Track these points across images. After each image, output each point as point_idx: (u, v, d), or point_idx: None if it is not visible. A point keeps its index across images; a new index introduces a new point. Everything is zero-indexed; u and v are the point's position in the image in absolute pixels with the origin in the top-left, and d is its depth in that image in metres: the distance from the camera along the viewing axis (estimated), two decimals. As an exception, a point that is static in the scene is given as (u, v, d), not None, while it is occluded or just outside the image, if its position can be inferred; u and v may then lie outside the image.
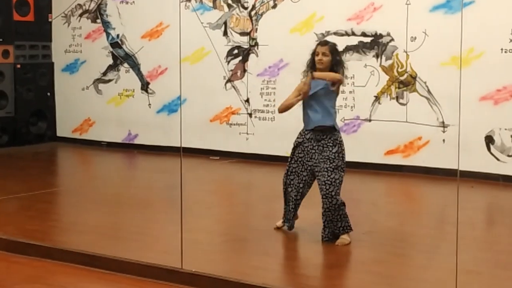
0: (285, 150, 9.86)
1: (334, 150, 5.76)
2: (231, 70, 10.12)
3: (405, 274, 5.27)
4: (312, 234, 6.11)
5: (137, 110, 10.94)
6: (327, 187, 5.68)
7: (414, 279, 5.11)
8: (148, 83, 10.84)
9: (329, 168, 5.70)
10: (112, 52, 11.13)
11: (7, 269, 5.39)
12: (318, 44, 5.89)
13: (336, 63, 5.82)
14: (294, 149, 5.97)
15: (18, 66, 11.15)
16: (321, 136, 5.80)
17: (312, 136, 5.82)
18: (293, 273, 5.10)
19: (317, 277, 5.08)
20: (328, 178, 5.68)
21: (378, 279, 5.01)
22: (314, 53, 5.86)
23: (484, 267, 5.30)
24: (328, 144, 5.78)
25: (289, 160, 6.01)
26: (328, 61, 5.76)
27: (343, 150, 5.85)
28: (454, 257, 4.64)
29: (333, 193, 5.69)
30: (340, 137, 5.89)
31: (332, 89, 5.80)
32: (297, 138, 5.96)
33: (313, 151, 5.81)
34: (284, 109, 5.95)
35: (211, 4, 10.20)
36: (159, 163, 10.01)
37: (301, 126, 6.33)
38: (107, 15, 11.15)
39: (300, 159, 5.90)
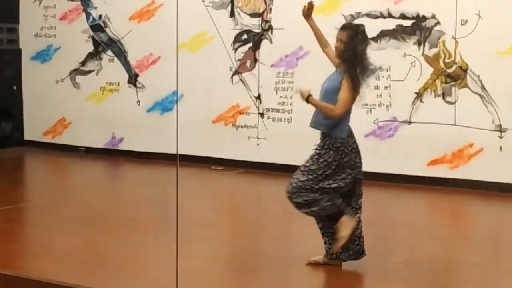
0: (304, 158, 9.90)
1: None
2: (239, 60, 10.17)
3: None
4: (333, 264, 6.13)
5: (123, 108, 11.00)
6: None
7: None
8: (136, 75, 10.90)
9: None
10: (92, 37, 11.19)
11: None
12: (340, 28, 5.97)
13: (351, 56, 5.79)
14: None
15: (-22, 53, 11.28)
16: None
17: None
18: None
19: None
20: None
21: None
22: None
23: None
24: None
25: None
26: (341, 50, 5.84)
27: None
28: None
29: None
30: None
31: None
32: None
33: None
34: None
35: (214, -21, 10.28)
36: (149, 173, 10.04)
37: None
38: (87, -8, 11.30)
39: None
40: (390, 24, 9.21)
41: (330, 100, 5.80)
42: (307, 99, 5.80)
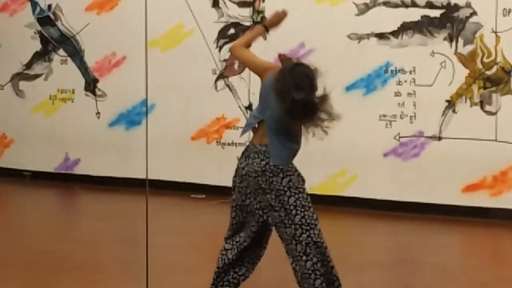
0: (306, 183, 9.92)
1: None
2: (225, 60, 10.19)
3: None
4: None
5: (79, 122, 10.99)
6: None
7: None
8: (96, 80, 10.90)
9: None
10: (40, 32, 11.18)
11: None
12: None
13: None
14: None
15: None
16: None
17: None
18: None
19: None
20: None
21: None
22: None
23: None
24: None
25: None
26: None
27: None
28: None
29: None
30: None
31: None
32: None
33: None
34: None
35: (193, -41, 10.29)
36: (113, 204, 10.03)
37: (325, 146, 6.35)
38: (32, -24, 11.29)
39: None
40: (414, 14, 9.22)
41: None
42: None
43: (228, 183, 9.86)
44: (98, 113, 10.91)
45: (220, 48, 10.18)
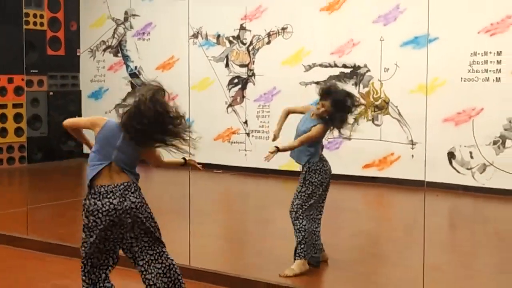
0: (278, 164, 9.91)
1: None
2: (232, 97, 10.16)
3: (379, 271, 5.29)
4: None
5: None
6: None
7: (387, 276, 5.12)
8: (161, 108, 10.82)
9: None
10: (131, 82, 11.15)
11: (42, 267, 5.41)
12: (321, 93, 5.15)
13: (333, 117, 5.08)
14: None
15: (51, 93, 11.21)
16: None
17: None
18: (282, 269, 5.10)
19: (303, 273, 5.08)
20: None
21: (356, 276, 5.02)
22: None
23: (447, 266, 5.31)
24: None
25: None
26: (325, 112, 5.11)
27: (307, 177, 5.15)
28: (421, 257, 4.65)
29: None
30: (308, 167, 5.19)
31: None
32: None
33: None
34: None
35: (215, 41, 10.26)
36: (170, 176, 9.95)
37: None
38: (126, 50, 11.19)
39: None
40: (335, 71, 9.20)
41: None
42: (278, 151, 5.08)
43: (234, 164, 9.96)
44: (162, 125, 10.79)
45: (229, 90, 10.15)
